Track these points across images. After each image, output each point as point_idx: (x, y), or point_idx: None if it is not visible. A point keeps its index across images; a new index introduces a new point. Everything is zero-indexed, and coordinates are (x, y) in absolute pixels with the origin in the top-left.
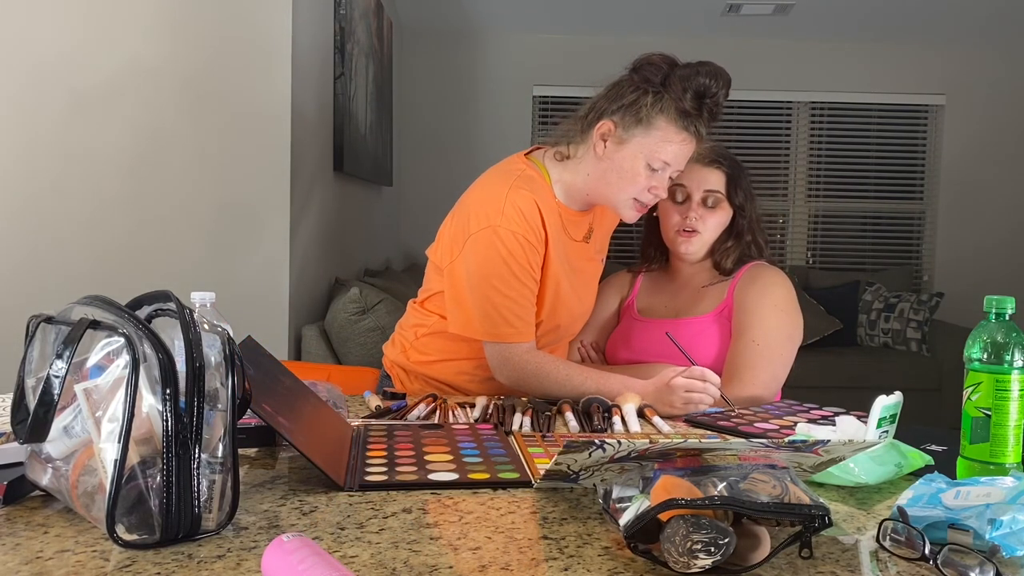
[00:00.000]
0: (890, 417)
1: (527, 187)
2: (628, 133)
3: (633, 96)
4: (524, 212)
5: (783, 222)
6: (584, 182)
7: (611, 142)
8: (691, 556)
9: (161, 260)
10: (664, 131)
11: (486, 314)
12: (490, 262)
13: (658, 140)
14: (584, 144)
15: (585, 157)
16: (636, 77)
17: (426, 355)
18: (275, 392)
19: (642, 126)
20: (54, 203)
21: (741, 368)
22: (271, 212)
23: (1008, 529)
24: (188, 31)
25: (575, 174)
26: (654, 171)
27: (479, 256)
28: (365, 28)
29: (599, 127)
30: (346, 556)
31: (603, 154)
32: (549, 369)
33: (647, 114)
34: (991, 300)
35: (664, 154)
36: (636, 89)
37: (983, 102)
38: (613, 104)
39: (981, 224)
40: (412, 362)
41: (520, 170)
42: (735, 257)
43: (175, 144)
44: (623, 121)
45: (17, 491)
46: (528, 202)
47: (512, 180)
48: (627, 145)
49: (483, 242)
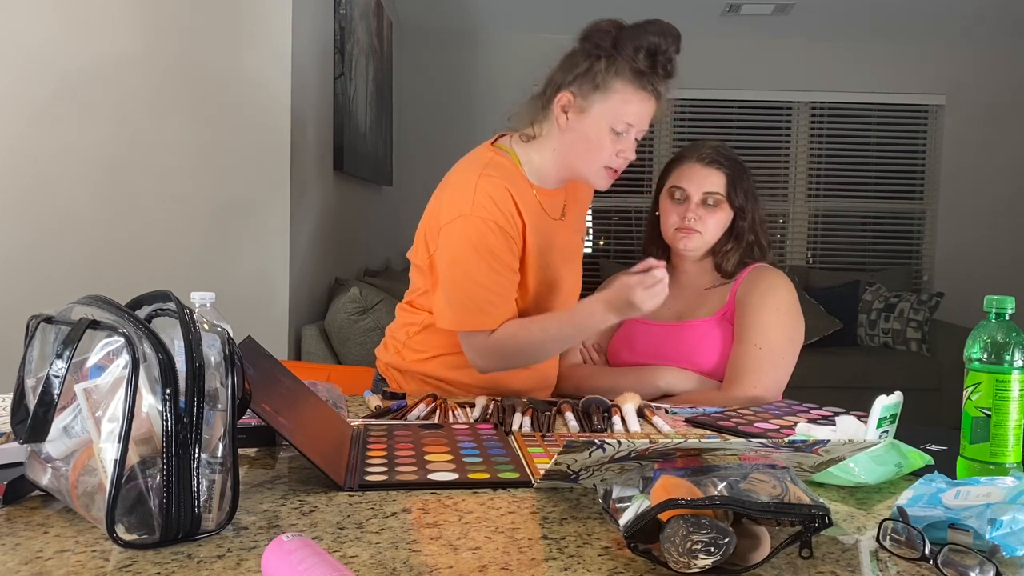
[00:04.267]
0: (890, 417)
1: (497, 174)
2: (587, 101)
3: (587, 64)
4: (495, 199)
5: (783, 222)
6: (553, 158)
7: (572, 113)
8: (691, 556)
9: (161, 260)
10: (622, 93)
11: (460, 304)
12: (463, 252)
13: (618, 103)
14: (547, 121)
15: (550, 133)
16: (587, 45)
17: (421, 352)
18: (275, 392)
19: (600, 92)
20: (54, 203)
21: (743, 371)
22: (271, 212)
23: (1008, 529)
24: (188, 31)
25: (543, 152)
26: (619, 135)
27: (452, 247)
28: (365, 28)
29: (558, 100)
30: (346, 556)
31: (566, 126)
32: (522, 335)
33: (603, 79)
34: (991, 300)
35: (626, 115)
36: (588, 56)
37: (983, 102)
38: (568, 75)
39: (981, 224)
40: (408, 361)
41: (488, 158)
42: (736, 259)
43: (175, 144)
44: (581, 90)
45: (17, 491)
46: (499, 189)
47: (480, 168)
48: (588, 113)
49: (456, 232)
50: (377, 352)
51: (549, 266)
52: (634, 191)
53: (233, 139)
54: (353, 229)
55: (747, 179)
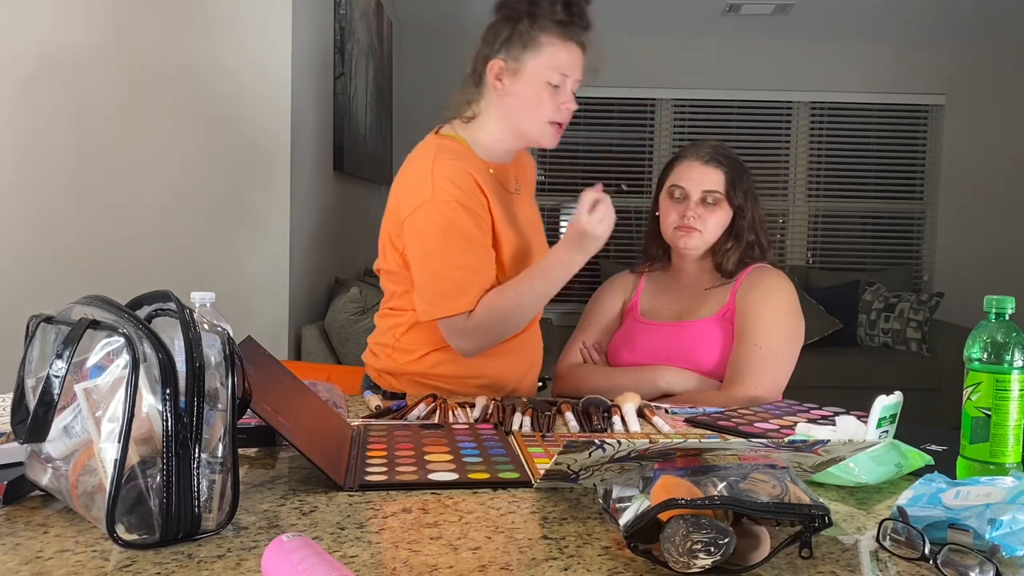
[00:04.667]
0: (890, 417)
1: (450, 156)
2: (519, 62)
3: (509, 28)
4: (454, 180)
5: (783, 222)
6: (498, 129)
7: (506, 77)
8: (691, 556)
9: (161, 260)
10: (550, 45)
11: (437, 291)
12: (432, 238)
13: (549, 55)
14: (483, 97)
15: (489, 106)
16: (504, 12)
17: (413, 351)
18: (275, 392)
19: (530, 50)
20: (54, 203)
21: (743, 371)
22: (271, 212)
23: (1008, 529)
24: (188, 31)
25: (487, 126)
26: (556, 87)
27: (420, 235)
28: (365, 28)
29: (490, 69)
30: (346, 556)
31: (504, 91)
32: (500, 305)
33: (529, 37)
34: (991, 300)
35: (559, 66)
36: (509, 21)
37: (983, 102)
38: (494, 45)
39: (981, 224)
40: (401, 364)
41: (437, 144)
42: (736, 258)
43: (175, 144)
44: (510, 53)
45: (17, 491)
46: (456, 170)
47: (432, 154)
48: (523, 73)
49: (420, 220)
50: (366, 360)
51: (521, 237)
52: (634, 191)
53: (233, 139)
54: (353, 229)
55: (747, 178)
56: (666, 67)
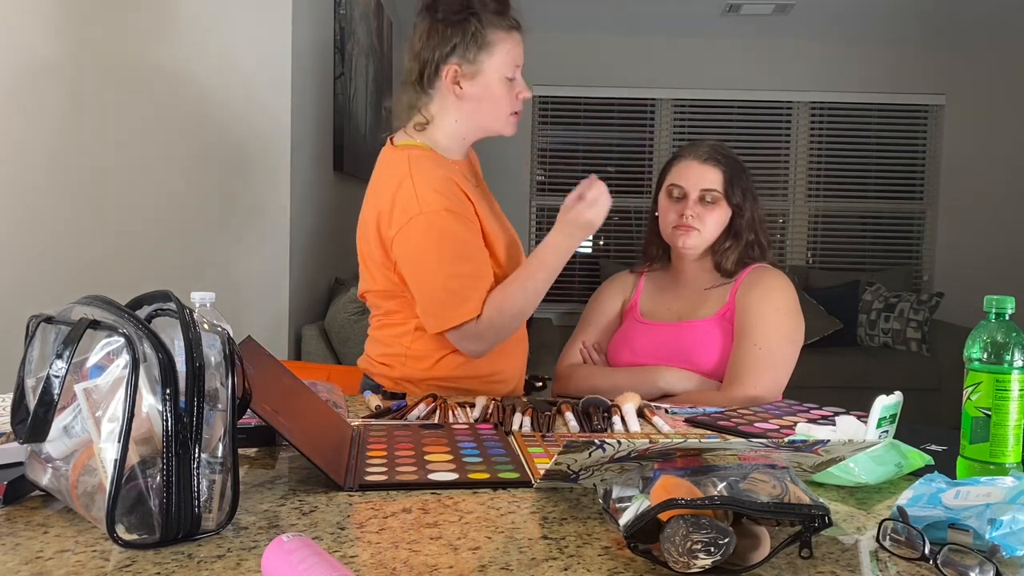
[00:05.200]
0: (890, 417)
1: (425, 164)
2: (475, 64)
3: (459, 32)
4: (437, 188)
5: (783, 222)
6: (457, 129)
7: (464, 80)
8: (691, 556)
9: (161, 260)
10: (502, 41)
11: (440, 302)
12: (427, 251)
13: (503, 53)
14: (434, 100)
15: (444, 109)
16: (443, 14)
17: (427, 358)
18: (275, 392)
19: (484, 51)
20: (54, 203)
21: (743, 372)
22: (271, 212)
23: (1008, 529)
24: (188, 31)
25: (444, 129)
26: (511, 80)
27: (413, 250)
28: (365, 28)
29: (446, 74)
30: (346, 556)
31: (463, 94)
32: (508, 304)
33: (483, 39)
34: (991, 300)
35: (513, 59)
36: (455, 24)
37: (983, 102)
38: (444, 49)
39: (981, 224)
40: (418, 371)
41: (404, 156)
42: (735, 258)
43: (175, 144)
44: (464, 57)
45: (17, 491)
46: (436, 178)
47: (405, 168)
48: (480, 74)
49: (412, 236)
50: (374, 371)
51: (504, 229)
52: (634, 191)
53: (233, 139)
54: (353, 229)
55: (745, 177)
56: (666, 67)
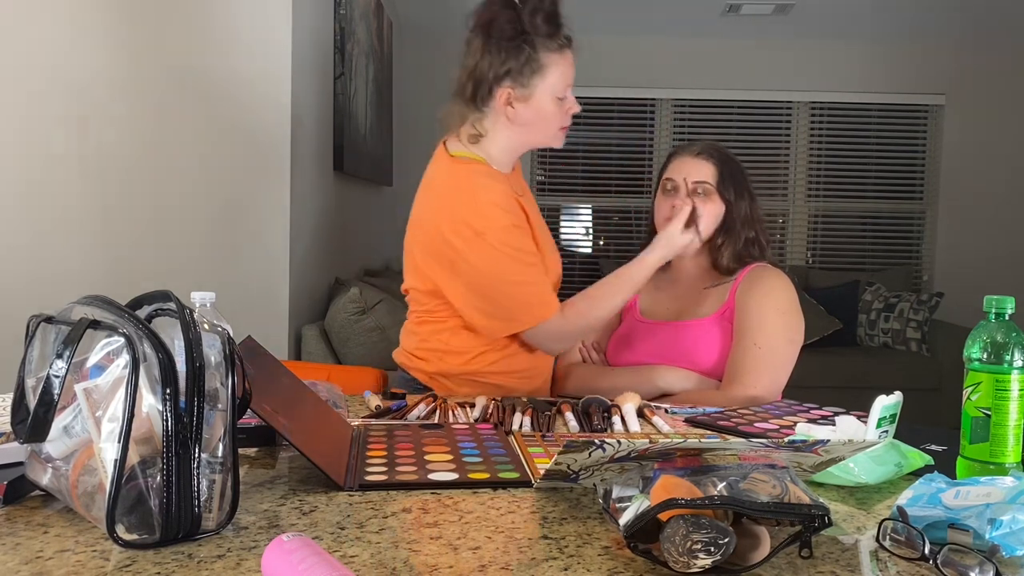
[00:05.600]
0: (890, 417)
1: (487, 180)
2: (529, 88)
3: (514, 56)
4: (500, 204)
5: (783, 222)
6: (508, 145)
7: (517, 103)
8: (691, 556)
9: (161, 260)
10: (555, 64)
11: (518, 307)
12: (499, 264)
13: (556, 75)
14: (488, 117)
15: (496, 126)
16: (496, 37)
17: (465, 352)
18: (275, 392)
19: (539, 74)
20: (55, 203)
21: (742, 371)
22: (271, 212)
23: (1008, 529)
24: (188, 32)
25: (497, 144)
26: (562, 99)
27: (484, 264)
28: (365, 28)
29: (500, 97)
30: (346, 556)
31: (516, 114)
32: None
33: (537, 63)
34: (991, 300)
35: (565, 79)
36: (507, 49)
37: (983, 102)
38: (498, 71)
39: (981, 224)
40: (453, 366)
41: (465, 170)
42: (730, 254)
43: (175, 144)
44: (518, 81)
45: (17, 491)
46: (498, 193)
47: (470, 180)
48: (533, 96)
49: (483, 251)
50: (409, 364)
51: (546, 232)
52: (634, 191)
53: (233, 139)
54: (353, 229)
55: (739, 174)
56: (666, 67)
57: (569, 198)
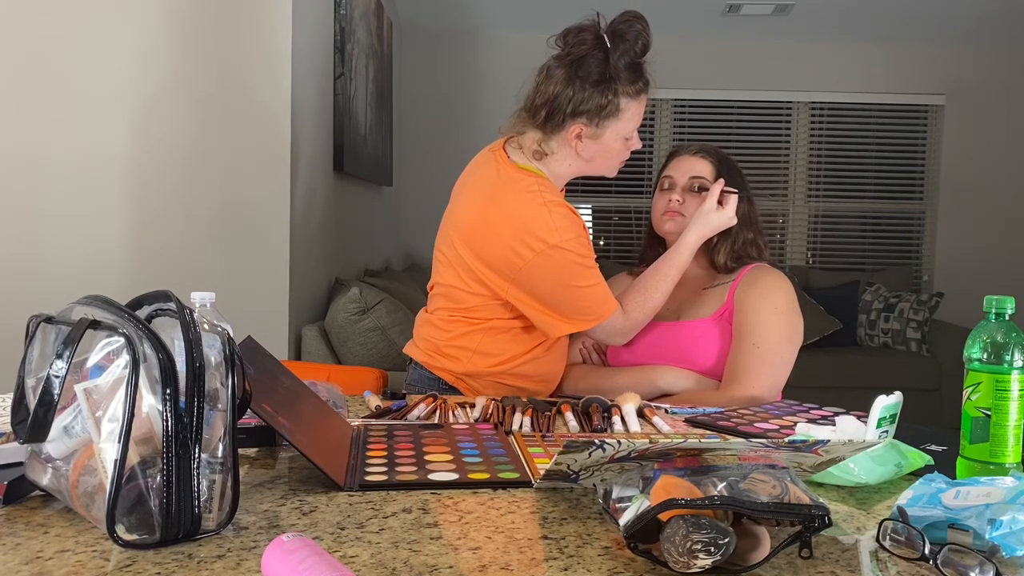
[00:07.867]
0: (890, 417)
1: (554, 196)
2: (601, 128)
3: (595, 99)
4: (569, 219)
5: (783, 222)
6: (569, 171)
7: (586, 139)
8: (691, 556)
9: (161, 260)
10: (631, 109)
11: (587, 309)
12: (569, 273)
13: (628, 119)
14: (554, 140)
15: (560, 151)
16: (583, 75)
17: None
18: (275, 392)
19: (613, 117)
20: (54, 203)
21: (741, 371)
22: (271, 212)
23: (1008, 529)
24: (188, 31)
25: (560, 166)
26: (628, 139)
27: (555, 274)
28: (365, 28)
29: (571, 132)
30: (346, 556)
31: (582, 150)
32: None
33: (614, 108)
34: (991, 300)
35: (636, 122)
36: (590, 91)
37: (983, 102)
38: (576, 107)
39: (981, 224)
40: (482, 367)
41: (533, 183)
42: (727, 252)
43: (175, 144)
44: (592, 121)
45: (17, 491)
46: (565, 208)
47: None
48: (603, 135)
49: (555, 262)
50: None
51: None
52: (634, 191)
53: (233, 139)
54: (353, 229)
55: (736, 174)
56: (666, 67)
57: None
